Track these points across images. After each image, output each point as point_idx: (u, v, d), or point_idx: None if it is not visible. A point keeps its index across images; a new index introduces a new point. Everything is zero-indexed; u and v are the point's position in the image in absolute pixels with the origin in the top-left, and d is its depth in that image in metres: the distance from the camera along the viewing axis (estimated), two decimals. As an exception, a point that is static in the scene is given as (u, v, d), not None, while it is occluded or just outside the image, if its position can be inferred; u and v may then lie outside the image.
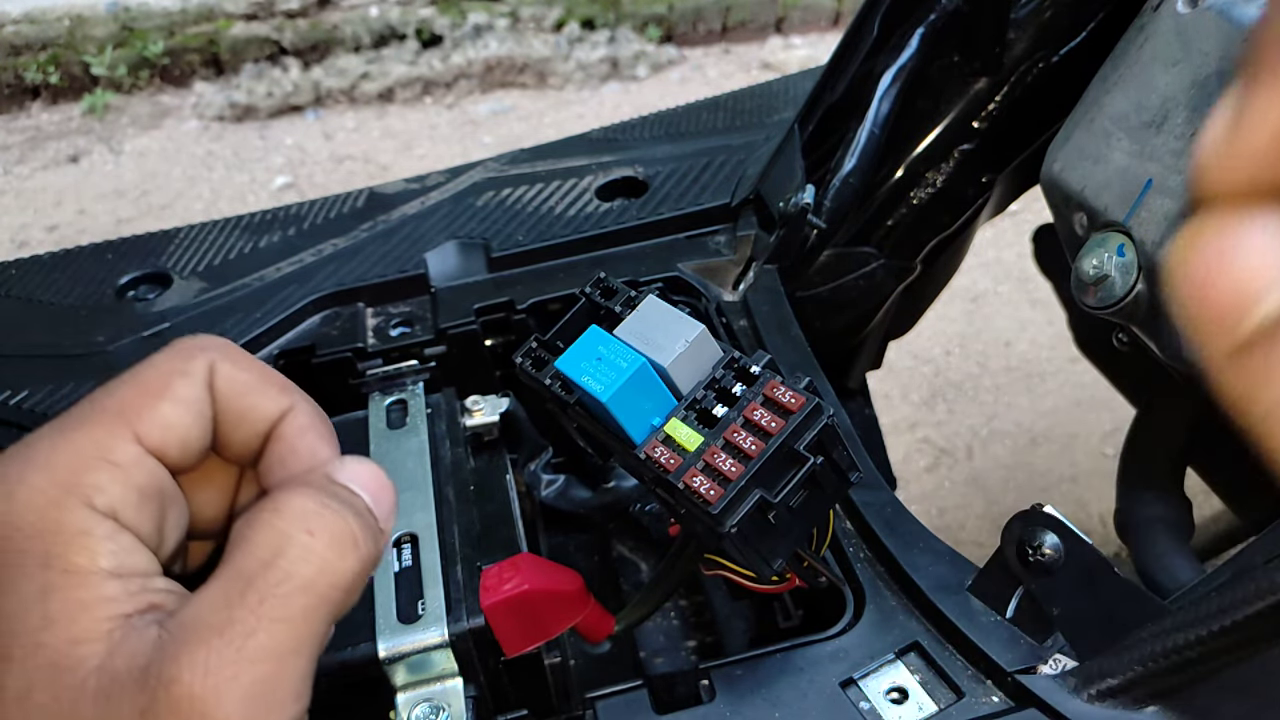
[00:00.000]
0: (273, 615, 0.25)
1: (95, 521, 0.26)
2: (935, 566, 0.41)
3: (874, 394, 0.84)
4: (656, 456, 0.35)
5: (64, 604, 0.25)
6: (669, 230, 0.64)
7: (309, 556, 0.26)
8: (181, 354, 0.30)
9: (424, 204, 0.69)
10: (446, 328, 0.58)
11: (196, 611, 0.25)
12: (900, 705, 0.37)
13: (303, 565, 0.26)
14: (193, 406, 0.29)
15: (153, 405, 0.29)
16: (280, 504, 0.27)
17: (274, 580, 0.26)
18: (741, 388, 0.35)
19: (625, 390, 0.35)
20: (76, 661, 0.25)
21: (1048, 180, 0.52)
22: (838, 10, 3.03)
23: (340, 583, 0.27)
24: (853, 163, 0.61)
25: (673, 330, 0.36)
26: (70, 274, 0.66)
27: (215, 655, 0.24)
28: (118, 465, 0.27)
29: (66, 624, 0.25)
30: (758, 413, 0.34)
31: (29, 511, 0.26)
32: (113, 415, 0.28)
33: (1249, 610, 0.33)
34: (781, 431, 0.33)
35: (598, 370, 0.36)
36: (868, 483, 0.45)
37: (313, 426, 0.32)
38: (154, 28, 2.89)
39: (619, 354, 0.36)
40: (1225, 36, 0.43)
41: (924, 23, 0.61)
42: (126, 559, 0.26)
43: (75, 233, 2.35)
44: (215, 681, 0.24)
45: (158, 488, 0.28)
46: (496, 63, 2.88)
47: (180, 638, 0.25)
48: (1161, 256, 0.44)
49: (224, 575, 0.26)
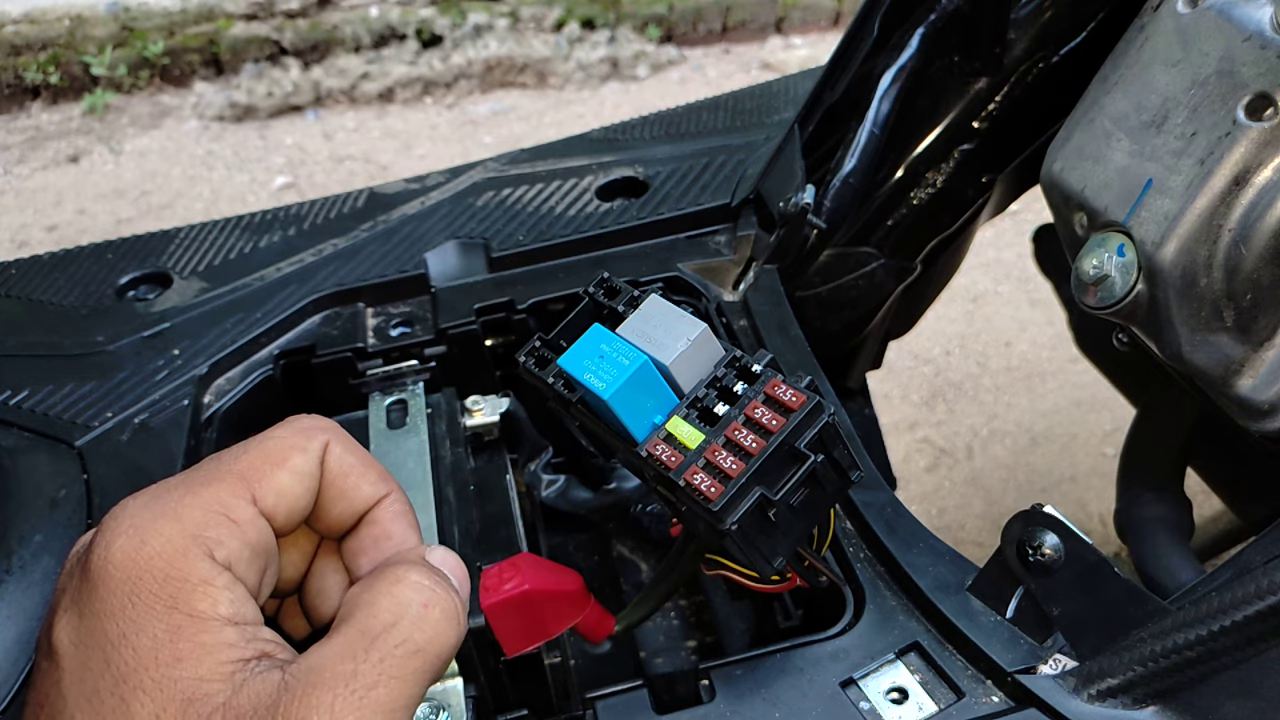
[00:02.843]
0: (390, 673, 0.28)
1: (216, 572, 0.29)
2: (935, 566, 0.41)
3: (874, 394, 0.85)
4: (658, 454, 0.35)
5: (191, 645, 0.28)
6: (669, 230, 0.64)
7: (424, 625, 0.30)
8: (303, 431, 0.34)
9: (424, 204, 0.69)
10: (446, 328, 0.58)
11: (321, 661, 0.28)
12: (900, 705, 0.37)
13: (419, 632, 0.29)
14: (304, 479, 0.33)
15: (272, 473, 0.32)
16: (400, 576, 0.31)
17: (394, 641, 0.29)
18: (743, 386, 0.35)
19: (627, 388, 0.35)
20: (204, 696, 0.27)
21: (1048, 180, 0.52)
22: (838, 10, 3.03)
23: (444, 652, 0.30)
24: (853, 163, 0.61)
25: (675, 329, 0.36)
26: (70, 274, 0.66)
27: (340, 701, 0.27)
28: (236, 523, 0.30)
29: (194, 663, 0.28)
30: (759, 411, 0.34)
31: (159, 559, 0.29)
32: (236, 477, 0.31)
33: (1249, 610, 0.33)
34: (782, 430, 0.33)
35: (600, 368, 0.36)
36: (868, 483, 0.45)
37: (405, 514, 0.35)
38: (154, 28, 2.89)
39: (621, 352, 0.36)
40: (1225, 36, 0.43)
41: (924, 23, 0.61)
42: (240, 608, 0.29)
43: (75, 233, 2.35)
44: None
45: (265, 546, 0.31)
46: (496, 63, 2.88)
47: (307, 682, 0.28)
48: (1161, 256, 0.44)
49: (347, 632, 0.29)
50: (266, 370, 0.58)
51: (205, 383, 0.56)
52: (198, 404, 0.55)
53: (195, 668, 0.28)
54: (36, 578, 0.45)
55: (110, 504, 0.48)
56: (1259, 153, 0.41)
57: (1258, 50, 0.42)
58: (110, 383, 0.56)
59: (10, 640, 0.42)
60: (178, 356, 0.57)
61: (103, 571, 0.28)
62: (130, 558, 0.28)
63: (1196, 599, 0.35)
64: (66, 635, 0.29)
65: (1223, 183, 0.42)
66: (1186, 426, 0.66)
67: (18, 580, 0.44)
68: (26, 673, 0.41)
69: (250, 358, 0.58)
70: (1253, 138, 0.41)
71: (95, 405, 0.54)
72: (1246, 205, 0.41)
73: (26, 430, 0.53)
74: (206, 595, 0.28)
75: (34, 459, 0.51)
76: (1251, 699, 0.35)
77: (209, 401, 0.56)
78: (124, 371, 0.57)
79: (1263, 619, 0.33)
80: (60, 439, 0.52)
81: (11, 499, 0.48)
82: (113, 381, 0.56)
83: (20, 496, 0.49)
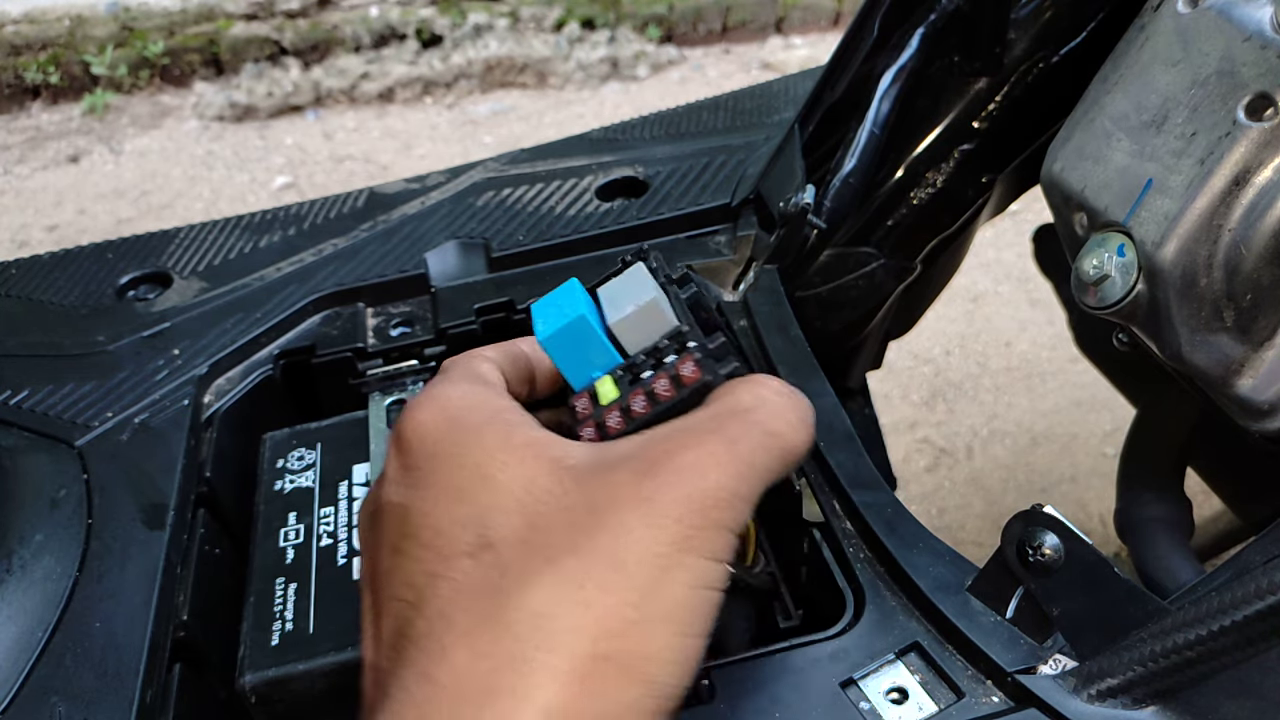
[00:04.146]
0: (754, 439, 0.30)
1: (507, 398, 0.34)
2: (935, 566, 0.41)
3: (874, 394, 0.84)
4: (577, 407, 0.36)
5: (531, 433, 0.31)
6: (669, 230, 0.64)
7: (783, 415, 0.31)
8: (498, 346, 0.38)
9: (424, 204, 0.69)
10: (447, 327, 0.58)
11: (686, 423, 0.31)
12: (900, 705, 0.37)
13: (777, 420, 0.31)
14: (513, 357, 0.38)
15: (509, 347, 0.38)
16: (760, 380, 0.33)
17: (755, 419, 0.31)
18: (672, 359, 0.35)
19: (560, 337, 0.36)
20: (569, 454, 0.30)
21: (1048, 180, 0.52)
22: (838, 10, 3.03)
23: (798, 448, 0.31)
24: (853, 163, 0.61)
25: (633, 295, 0.37)
26: (70, 274, 0.66)
27: (708, 445, 0.29)
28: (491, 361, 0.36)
29: (549, 442, 0.31)
30: (661, 383, 0.34)
31: (459, 404, 0.33)
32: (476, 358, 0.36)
33: (1249, 610, 0.33)
34: (669, 401, 0.34)
35: (551, 316, 0.37)
36: (868, 483, 0.45)
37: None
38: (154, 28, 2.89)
39: (573, 306, 0.37)
40: (1225, 36, 0.43)
41: (924, 23, 0.61)
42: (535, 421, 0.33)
43: (75, 233, 2.35)
44: (706, 458, 0.29)
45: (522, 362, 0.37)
46: (496, 63, 2.88)
47: (671, 432, 0.30)
48: (1161, 256, 0.44)
49: (709, 409, 0.31)
50: (266, 370, 0.58)
51: (205, 383, 0.56)
52: (198, 404, 0.55)
53: (551, 444, 0.31)
54: (37, 577, 0.45)
55: (110, 504, 0.48)
56: (1259, 153, 0.41)
57: (1258, 50, 0.42)
58: (110, 383, 0.56)
59: (10, 640, 0.42)
60: (178, 356, 0.57)
61: (419, 427, 0.32)
62: (436, 415, 0.32)
63: (1196, 599, 0.35)
64: (397, 492, 0.32)
65: (1223, 183, 0.42)
66: (1186, 426, 0.66)
67: (18, 580, 0.44)
68: (27, 673, 0.41)
69: (250, 358, 0.58)
70: (1253, 138, 0.41)
71: (95, 405, 0.54)
72: (1246, 205, 0.41)
73: (26, 430, 0.53)
74: (512, 407, 0.33)
75: (34, 459, 0.51)
76: (1251, 699, 0.35)
77: (209, 401, 0.56)
78: (124, 371, 0.57)
79: (1263, 619, 0.33)
80: (60, 439, 0.52)
81: (11, 499, 0.48)
82: (113, 381, 0.56)
83: (20, 496, 0.49)
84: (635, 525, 0.28)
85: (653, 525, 0.28)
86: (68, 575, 0.45)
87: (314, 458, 0.51)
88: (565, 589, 0.27)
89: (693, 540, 0.28)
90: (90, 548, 0.46)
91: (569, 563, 0.27)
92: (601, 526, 0.28)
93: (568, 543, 0.28)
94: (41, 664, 0.41)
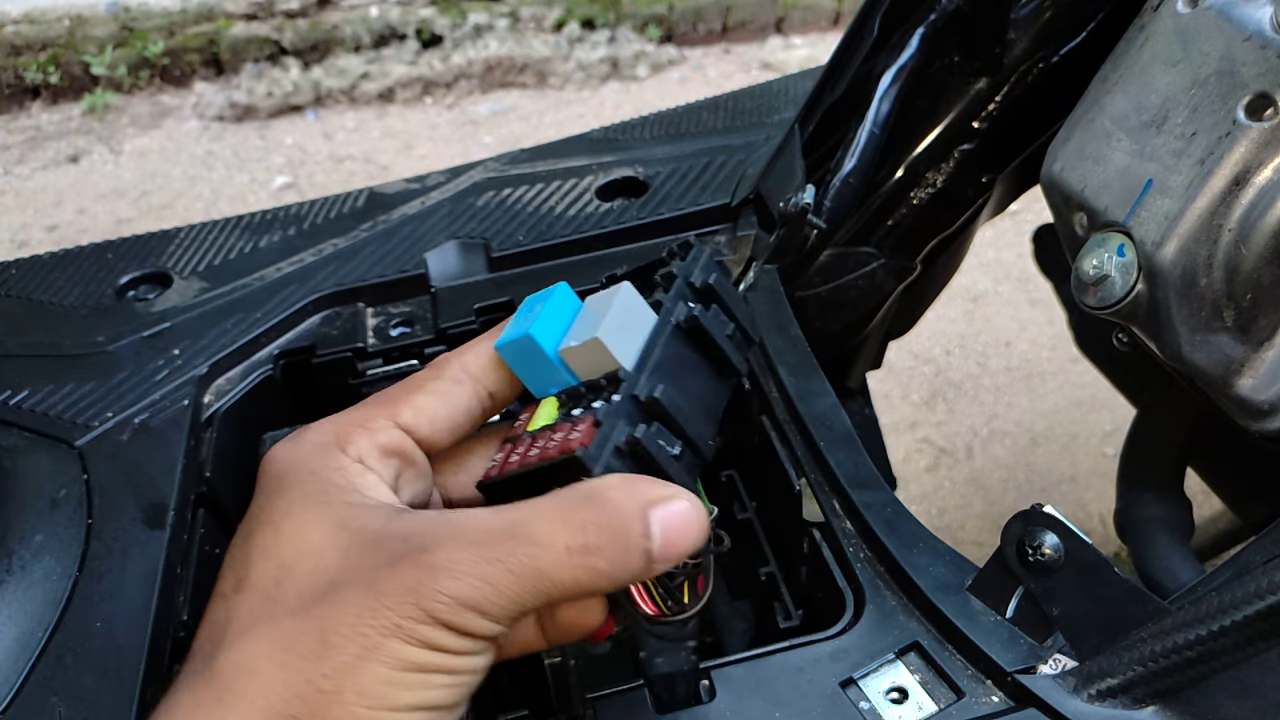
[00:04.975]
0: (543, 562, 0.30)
1: (349, 461, 0.34)
2: (935, 566, 0.41)
3: (874, 394, 0.84)
4: (516, 421, 0.37)
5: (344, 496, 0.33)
6: (669, 230, 0.64)
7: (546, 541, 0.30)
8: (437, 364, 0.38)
9: (424, 204, 0.69)
10: (447, 328, 0.58)
11: (463, 522, 0.31)
12: (900, 705, 0.37)
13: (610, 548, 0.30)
14: (442, 396, 0.37)
15: (408, 396, 0.37)
16: (638, 488, 0.32)
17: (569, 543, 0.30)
18: (599, 403, 0.35)
19: (511, 349, 0.36)
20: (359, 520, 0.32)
21: (1048, 180, 0.52)
22: (838, 10, 3.03)
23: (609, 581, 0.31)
24: (853, 163, 0.61)
25: (589, 321, 0.36)
26: (70, 274, 0.66)
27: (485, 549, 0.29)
28: (370, 430, 0.36)
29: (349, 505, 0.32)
30: (553, 436, 0.34)
31: (306, 453, 0.35)
32: (378, 402, 0.37)
33: (1249, 610, 0.33)
34: (531, 465, 0.34)
35: (522, 319, 0.37)
36: (868, 483, 0.45)
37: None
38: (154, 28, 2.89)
39: (534, 317, 0.36)
40: (1225, 36, 0.43)
41: (924, 23, 0.61)
42: (373, 490, 0.34)
43: (75, 233, 2.35)
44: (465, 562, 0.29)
45: (397, 448, 0.36)
46: (496, 63, 2.87)
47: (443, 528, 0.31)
48: (1161, 256, 0.44)
49: (550, 502, 0.31)
50: (266, 370, 0.58)
51: (205, 383, 0.56)
52: (198, 404, 0.55)
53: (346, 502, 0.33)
54: (37, 577, 0.45)
55: (110, 504, 0.48)
56: (1259, 153, 0.41)
57: (1258, 50, 0.42)
58: (110, 383, 0.56)
59: (10, 640, 0.42)
60: (178, 356, 0.57)
61: (269, 459, 0.35)
62: (287, 449, 0.35)
63: (1196, 599, 0.35)
64: (244, 517, 0.35)
65: (1223, 183, 0.42)
66: (1186, 426, 0.66)
67: (18, 580, 0.44)
68: (27, 673, 0.41)
69: (250, 358, 0.58)
70: (1253, 138, 0.41)
71: (95, 405, 0.54)
72: (1246, 205, 0.41)
73: (26, 430, 0.53)
74: (344, 472, 0.34)
75: (34, 459, 0.51)
76: (1251, 699, 0.35)
77: (209, 401, 0.56)
78: (124, 371, 0.57)
79: (1263, 619, 0.33)
80: (60, 439, 0.52)
81: (11, 499, 0.48)
82: (113, 381, 0.56)
83: (20, 496, 0.49)
84: (354, 601, 0.29)
85: (368, 606, 0.29)
86: (68, 575, 0.45)
87: (314, 458, 0.51)
88: (272, 648, 0.29)
89: (405, 630, 0.29)
90: (90, 548, 0.46)
91: (286, 624, 0.30)
92: (328, 596, 0.30)
93: (296, 604, 0.30)
94: (41, 664, 0.41)
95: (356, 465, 0.34)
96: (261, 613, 0.30)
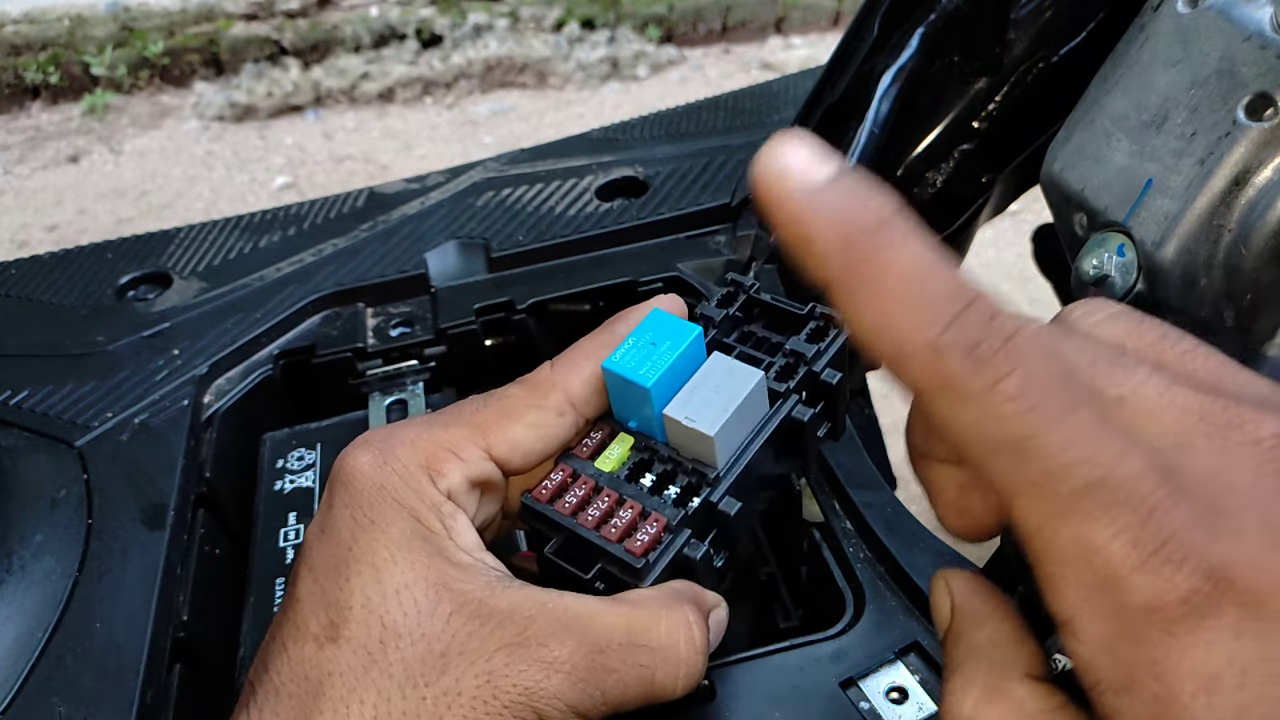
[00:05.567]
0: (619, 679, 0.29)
1: (440, 498, 0.32)
2: (935, 566, 0.41)
3: (874, 394, 0.84)
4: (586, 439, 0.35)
5: (444, 543, 0.31)
6: (669, 230, 0.64)
7: (670, 667, 0.31)
8: (537, 387, 0.35)
9: (424, 204, 0.69)
10: (446, 328, 0.58)
11: (577, 610, 0.30)
12: (900, 705, 0.37)
13: (661, 672, 0.31)
14: (540, 429, 0.34)
15: (507, 425, 0.34)
16: (679, 613, 0.32)
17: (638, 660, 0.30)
18: (668, 494, 0.34)
19: (618, 379, 0.34)
20: (461, 580, 0.30)
21: (1048, 180, 0.52)
22: (838, 10, 3.03)
23: (658, 696, 0.31)
24: (853, 163, 0.61)
25: (706, 398, 0.34)
26: (70, 274, 0.66)
27: (583, 658, 0.29)
28: (463, 460, 0.33)
29: (448, 558, 0.30)
30: (619, 515, 0.33)
31: (398, 474, 0.32)
32: (473, 426, 0.34)
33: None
34: (593, 546, 0.33)
35: (641, 348, 0.34)
36: (868, 483, 0.45)
37: None
38: (154, 28, 2.89)
39: (663, 368, 0.34)
40: (1225, 36, 0.43)
41: (924, 23, 0.61)
42: (462, 535, 0.32)
43: (75, 233, 2.35)
44: (575, 668, 0.28)
45: (485, 481, 0.34)
46: (496, 63, 2.88)
47: (556, 616, 0.29)
48: (1161, 256, 0.44)
49: (612, 614, 0.30)
50: (266, 370, 0.58)
51: (205, 383, 0.56)
52: (198, 404, 0.55)
53: (445, 553, 0.30)
54: (37, 577, 0.45)
55: (110, 504, 0.48)
56: (1259, 153, 0.41)
57: (1258, 50, 0.42)
58: (110, 383, 0.56)
59: (10, 640, 0.42)
60: (178, 356, 0.57)
61: (353, 472, 0.32)
62: (377, 467, 0.32)
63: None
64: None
65: (1223, 183, 0.42)
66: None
67: (18, 580, 0.44)
68: (27, 673, 0.41)
69: (250, 358, 0.58)
70: (1253, 138, 0.41)
71: (95, 405, 0.54)
72: (1246, 205, 0.41)
73: (26, 430, 0.53)
74: (438, 512, 0.32)
75: (34, 459, 0.51)
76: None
77: (209, 401, 0.56)
78: (124, 371, 0.57)
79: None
80: (60, 439, 0.52)
81: (11, 499, 0.48)
82: (113, 381, 0.56)
83: (20, 496, 0.49)
84: (468, 687, 0.28)
85: (481, 696, 0.28)
86: (68, 575, 0.45)
87: (314, 458, 0.51)
88: (362, 717, 0.28)
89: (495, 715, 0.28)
90: (90, 548, 0.46)
91: (396, 701, 0.28)
92: (440, 676, 0.28)
93: (403, 674, 0.28)
94: (41, 664, 0.41)
95: (448, 504, 0.32)
96: (366, 675, 0.28)
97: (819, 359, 0.36)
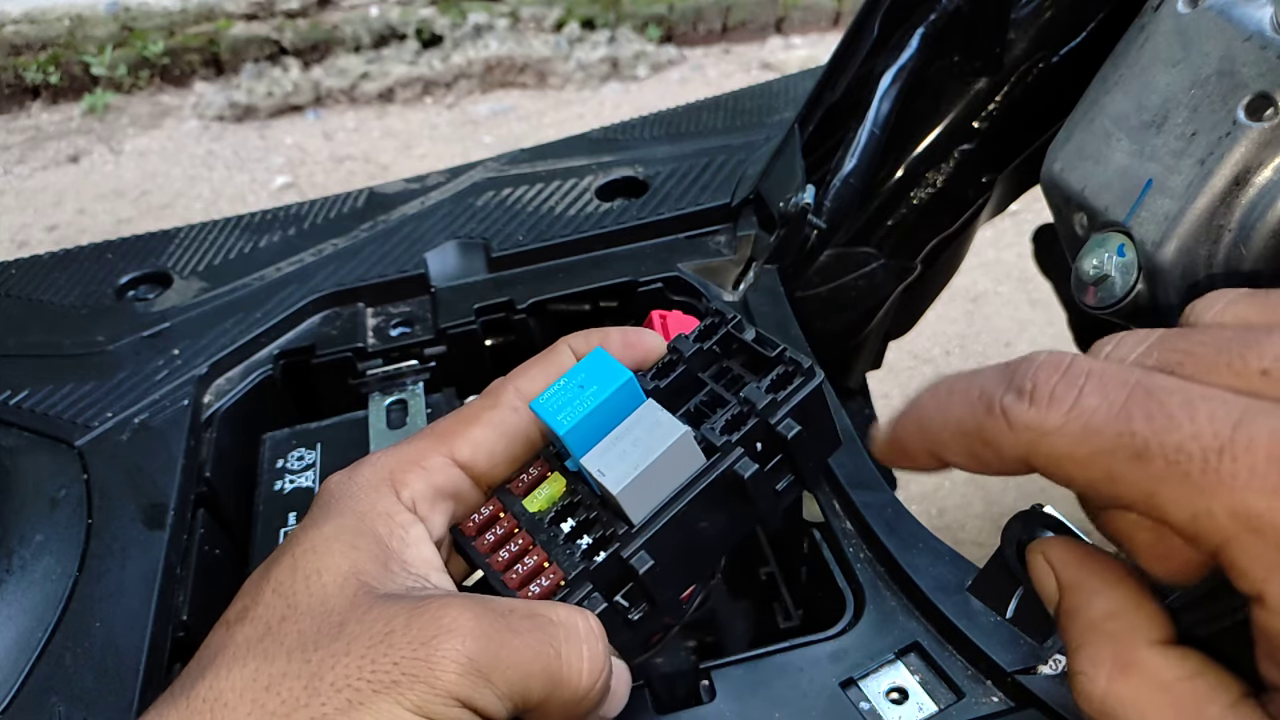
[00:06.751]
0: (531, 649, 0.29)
1: (399, 508, 0.33)
2: (935, 566, 0.41)
3: (874, 394, 0.84)
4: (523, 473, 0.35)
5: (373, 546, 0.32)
6: (669, 230, 0.64)
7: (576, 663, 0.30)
8: (491, 392, 0.37)
9: (424, 204, 0.69)
10: (446, 328, 0.58)
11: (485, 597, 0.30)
12: (900, 705, 0.37)
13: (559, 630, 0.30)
14: (499, 427, 0.35)
15: (465, 429, 0.35)
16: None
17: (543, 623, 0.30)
18: (583, 543, 0.33)
19: (547, 420, 0.33)
20: (377, 577, 0.30)
21: (1048, 180, 0.52)
22: (838, 10, 3.03)
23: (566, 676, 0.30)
24: (853, 163, 0.61)
25: (625, 451, 0.32)
26: (70, 274, 0.66)
27: (483, 621, 0.29)
28: (425, 469, 0.34)
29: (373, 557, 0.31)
30: (526, 560, 0.33)
31: (361, 487, 0.33)
32: (434, 436, 0.35)
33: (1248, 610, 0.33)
34: (501, 584, 0.33)
35: (567, 392, 0.34)
36: (868, 483, 0.45)
37: None
38: (154, 28, 2.89)
39: (584, 414, 0.33)
40: (1225, 36, 0.43)
41: (924, 23, 0.61)
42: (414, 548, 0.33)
43: (75, 233, 2.35)
44: (470, 628, 0.28)
45: (452, 490, 0.35)
46: (496, 63, 2.88)
47: (464, 596, 0.30)
48: (1161, 256, 0.44)
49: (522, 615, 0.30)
50: (266, 370, 0.58)
51: (205, 383, 0.56)
52: (198, 404, 0.55)
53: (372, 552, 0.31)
54: (36, 577, 0.45)
55: (110, 504, 0.48)
56: (1259, 153, 0.41)
57: (1258, 50, 0.42)
58: (110, 383, 0.56)
59: (10, 640, 0.42)
60: (178, 356, 0.57)
61: (324, 487, 0.34)
62: (342, 481, 0.34)
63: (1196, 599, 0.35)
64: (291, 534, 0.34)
65: (1223, 183, 0.42)
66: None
67: (18, 580, 0.44)
68: (27, 673, 0.41)
69: (250, 358, 0.58)
70: (1253, 138, 0.41)
71: (95, 405, 0.54)
72: (1246, 205, 0.41)
73: (26, 430, 0.53)
74: (390, 521, 0.32)
75: (34, 459, 0.51)
76: (1251, 699, 0.35)
77: (209, 401, 0.56)
78: (124, 371, 0.57)
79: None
80: (60, 439, 0.52)
81: (11, 499, 0.48)
82: (113, 381, 0.56)
83: (20, 496, 0.49)
84: (357, 652, 0.28)
85: (369, 659, 0.28)
86: (68, 575, 0.45)
87: (314, 458, 0.51)
88: (254, 685, 0.28)
89: (399, 689, 0.27)
90: (90, 548, 0.46)
91: (279, 663, 0.28)
92: (331, 643, 0.28)
93: (294, 643, 0.29)
94: (41, 664, 0.41)
95: (407, 514, 0.33)
96: (257, 646, 0.29)
97: (776, 409, 0.33)
